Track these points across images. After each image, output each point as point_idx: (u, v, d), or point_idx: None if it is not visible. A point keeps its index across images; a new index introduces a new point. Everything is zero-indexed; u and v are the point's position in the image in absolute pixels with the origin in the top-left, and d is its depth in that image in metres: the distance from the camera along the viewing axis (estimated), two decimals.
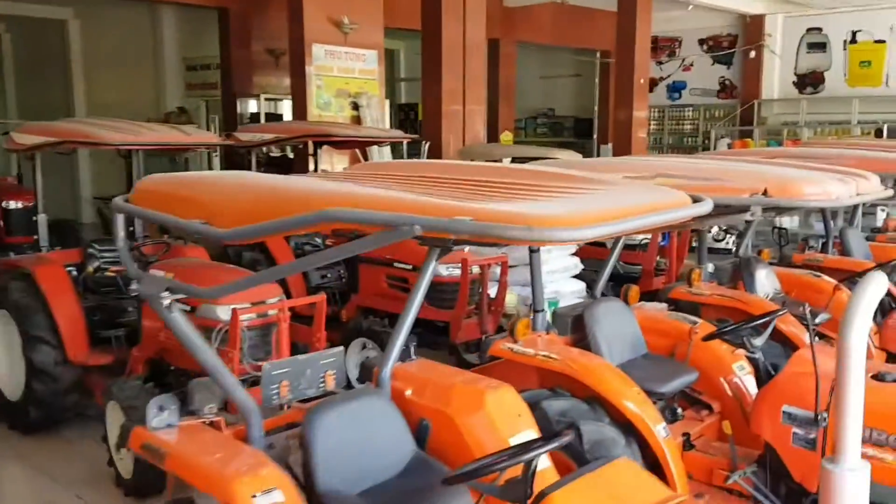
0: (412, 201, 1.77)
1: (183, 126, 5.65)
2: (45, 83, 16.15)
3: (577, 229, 1.66)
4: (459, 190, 2.03)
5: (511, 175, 2.31)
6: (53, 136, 5.32)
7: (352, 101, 9.03)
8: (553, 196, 1.97)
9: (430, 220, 1.66)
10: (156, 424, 2.43)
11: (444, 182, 2.16)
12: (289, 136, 6.49)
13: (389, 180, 2.25)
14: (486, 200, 1.86)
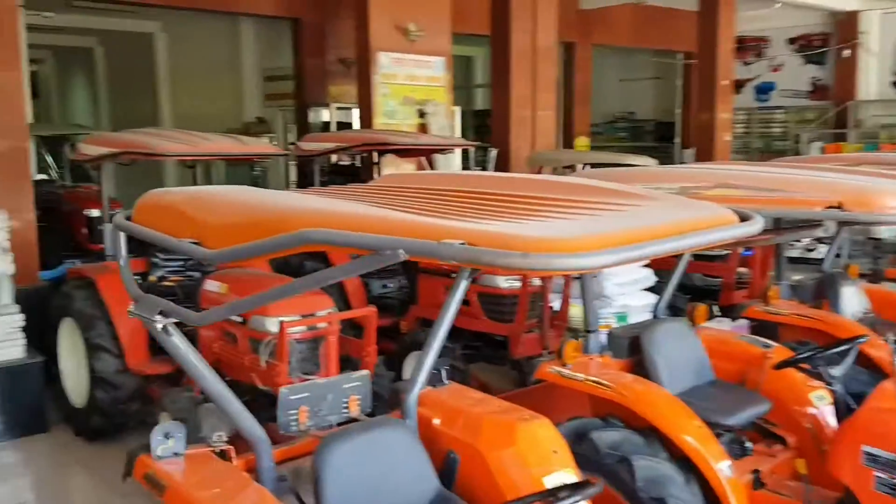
0: (400, 222, 1.57)
1: (243, 137, 5.61)
2: (135, 95, 16.73)
3: (583, 256, 1.41)
4: (468, 206, 1.82)
5: (534, 188, 2.08)
6: (114, 147, 5.37)
7: (418, 108, 8.89)
8: (570, 214, 1.73)
9: (417, 243, 1.46)
10: (160, 453, 2.30)
11: (457, 197, 1.96)
12: (348, 144, 6.39)
13: (398, 195, 2.06)
14: (488, 219, 1.65)
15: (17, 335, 5.54)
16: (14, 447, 5.41)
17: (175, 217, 1.98)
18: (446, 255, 1.42)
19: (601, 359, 3.63)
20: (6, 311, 5.51)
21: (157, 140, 5.12)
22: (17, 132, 6.20)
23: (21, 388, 5.49)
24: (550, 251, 1.39)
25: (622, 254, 1.47)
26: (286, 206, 1.75)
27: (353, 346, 4.80)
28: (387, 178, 2.60)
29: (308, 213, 1.67)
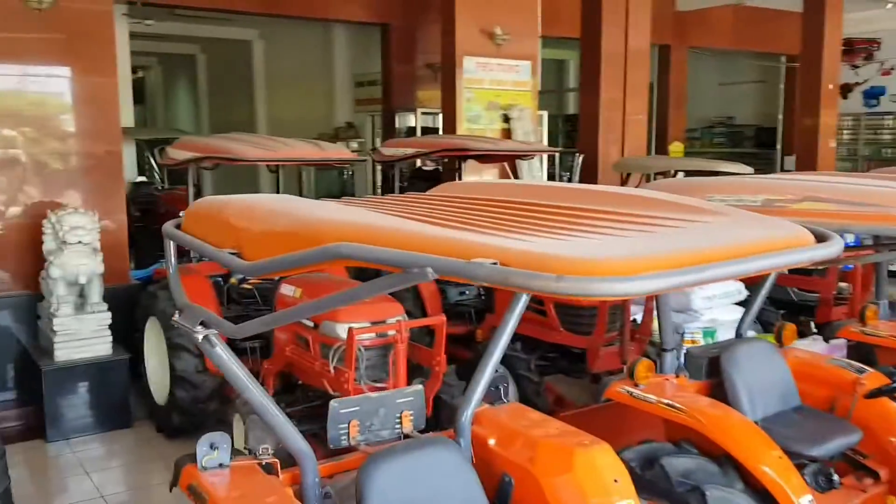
0: (431, 238, 1.47)
1: (322, 143, 5.64)
2: (233, 100, 17.28)
3: (623, 280, 1.27)
4: (513, 219, 1.71)
5: (589, 200, 1.94)
6: (198, 152, 5.50)
7: (502, 113, 8.78)
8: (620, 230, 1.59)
9: (446, 262, 1.36)
10: (205, 464, 2.27)
11: (505, 209, 1.84)
12: (427, 150, 6.34)
13: (444, 206, 1.96)
14: (530, 234, 1.53)
15: (105, 332, 5.74)
16: (100, 440, 5.61)
17: (218, 226, 1.95)
18: (476, 275, 1.31)
19: (676, 380, 3.43)
20: (95, 308, 5.71)
21: (238, 145, 5.21)
22: (111, 136, 6.43)
23: (107, 384, 5.68)
24: (587, 274, 1.25)
25: (670, 279, 1.31)
26: (321, 218, 1.68)
27: (423, 355, 4.73)
28: (444, 188, 2.51)
29: (342, 226, 1.60)
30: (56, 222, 5.57)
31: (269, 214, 1.83)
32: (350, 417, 2.49)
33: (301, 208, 1.80)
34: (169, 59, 19.73)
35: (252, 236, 1.81)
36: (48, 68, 6.09)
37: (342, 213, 1.75)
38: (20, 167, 6.04)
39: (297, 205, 1.88)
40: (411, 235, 1.48)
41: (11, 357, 5.93)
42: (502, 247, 1.37)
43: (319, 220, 1.67)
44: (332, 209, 1.84)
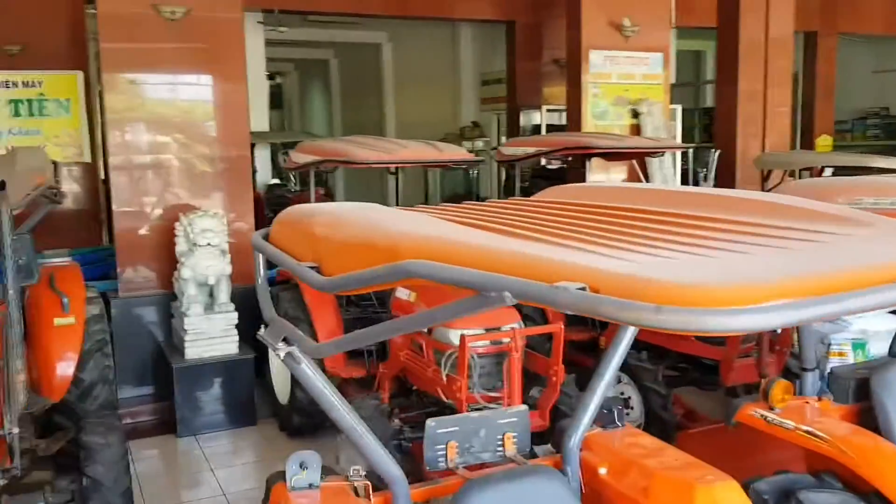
0: (512, 256, 1.29)
1: (439, 143, 5.56)
2: (363, 102, 17.63)
3: (739, 313, 1.01)
4: (615, 232, 1.50)
5: (708, 206, 1.69)
6: (318, 155, 5.55)
7: (631, 108, 8.41)
8: (740, 246, 1.34)
9: (526, 285, 1.17)
10: (295, 484, 2.20)
11: (608, 218, 1.64)
12: (548, 149, 6.12)
13: (541, 215, 1.78)
14: (630, 251, 1.32)
15: (233, 332, 5.91)
16: (227, 437, 5.77)
17: (301, 237, 1.85)
18: (559, 301, 1.13)
19: (818, 403, 3.07)
20: (224, 309, 5.88)
21: (356, 148, 5.20)
22: (241, 141, 6.63)
23: (234, 383, 5.84)
24: (694, 304, 1.02)
25: (802, 311, 1.05)
26: (397, 232, 1.54)
27: (540, 363, 4.55)
28: (552, 192, 2.33)
29: (418, 240, 1.46)
30: (187, 225, 5.77)
31: (348, 226, 1.71)
32: (448, 438, 2.35)
33: (380, 220, 1.67)
34: (304, 65, 20.41)
35: (330, 249, 1.71)
36: (180, 76, 6.34)
37: (421, 226, 1.61)
38: (159, 172, 6.31)
39: (378, 215, 1.76)
40: (491, 252, 1.32)
41: (149, 354, 6.21)
42: (592, 267, 1.17)
43: (395, 233, 1.53)
44: (413, 221, 1.70)
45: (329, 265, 1.67)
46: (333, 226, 1.75)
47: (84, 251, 7.80)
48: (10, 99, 7.64)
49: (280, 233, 2.02)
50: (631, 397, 5.14)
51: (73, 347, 4.66)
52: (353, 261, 1.55)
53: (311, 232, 1.81)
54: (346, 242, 1.66)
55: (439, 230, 1.56)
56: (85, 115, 8.00)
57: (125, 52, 6.13)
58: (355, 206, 1.96)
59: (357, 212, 1.80)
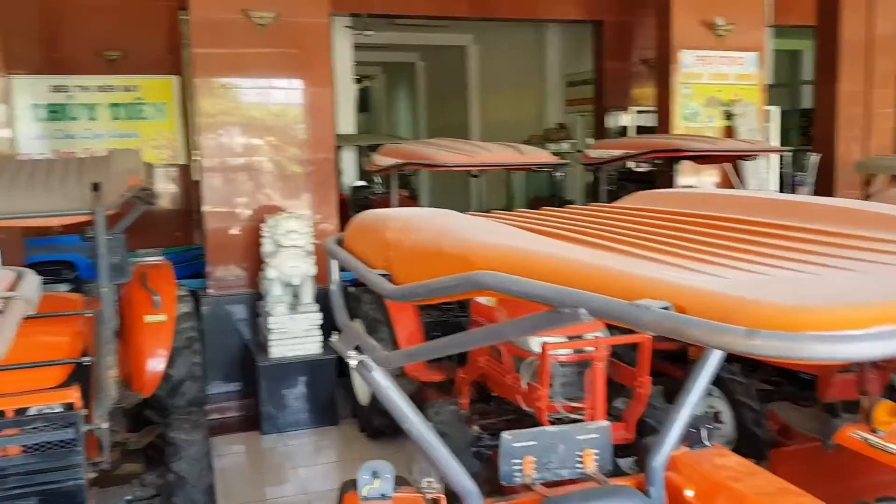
0: (589, 269, 1.20)
1: (521, 146, 5.49)
2: (449, 105, 17.70)
3: (847, 339, 0.91)
4: (704, 243, 1.39)
5: (808, 215, 1.57)
6: (399, 158, 5.56)
7: (724, 109, 8.12)
8: (845, 261, 1.22)
9: (604, 301, 1.10)
10: (366, 494, 2.16)
11: (697, 227, 1.54)
12: (636, 151, 5.96)
13: (624, 223, 1.69)
14: (718, 266, 1.22)
15: (316, 332, 5.99)
16: (309, 436, 5.85)
17: (373, 243, 1.82)
18: (640, 321, 1.05)
19: None
20: (307, 309, 5.97)
21: (437, 151, 5.19)
22: (327, 144, 6.72)
23: (317, 382, 5.92)
24: (791, 328, 0.92)
25: None
26: (469, 240, 1.48)
27: (626, 374, 4.41)
28: (636, 198, 2.22)
29: (490, 250, 1.40)
30: (273, 226, 5.88)
31: (418, 233, 1.66)
32: (525, 453, 2.28)
33: (452, 227, 1.61)
34: (391, 68, 20.65)
35: (400, 257, 1.66)
36: (269, 80, 6.47)
37: (494, 234, 1.55)
38: (249, 174, 6.46)
39: (450, 222, 1.70)
40: (567, 264, 1.25)
41: (236, 351, 6.37)
42: (678, 284, 1.08)
43: (467, 242, 1.48)
44: (486, 229, 1.64)
45: (399, 273, 1.64)
46: (404, 232, 1.70)
47: (177, 250, 8.08)
48: (110, 103, 7.98)
49: (353, 238, 2.00)
50: (722, 411, 4.94)
51: (164, 344, 4.80)
52: (422, 269, 1.51)
53: (382, 238, 1.77)
54: (416, 250, 1.61)
55: (513, 239, 1.50)
56: (180, 118, 8.29)
57: (216, 57, 6.30)
58: (428, 213, 1.91)
59: (429, 218, 1.76)
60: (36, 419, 3.00)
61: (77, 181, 4.28)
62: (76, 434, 3.04)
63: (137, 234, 6.16)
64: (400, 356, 1.76)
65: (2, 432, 2.93)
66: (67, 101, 7.89)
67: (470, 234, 1.53)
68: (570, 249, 1.39)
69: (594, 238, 1.54)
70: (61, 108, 7.87)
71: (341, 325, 1.95)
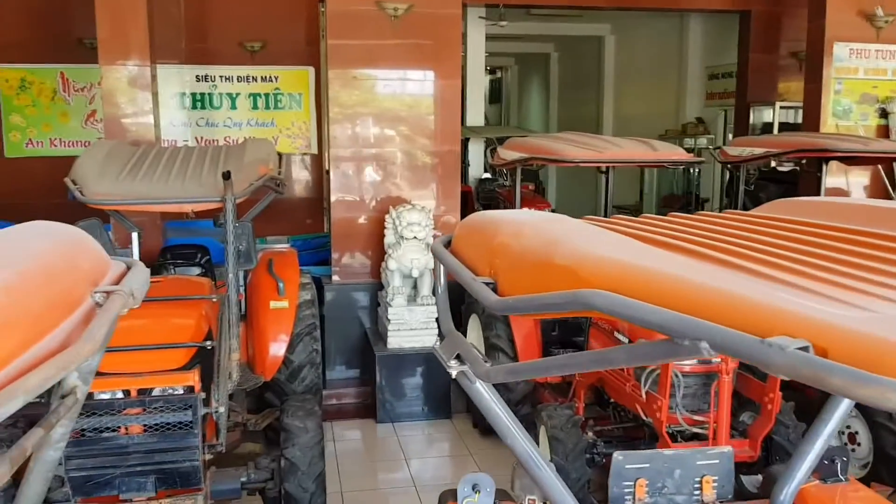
0: (714, 294, 1.04)
1: (654, 141, 5.24)
2: (581, 97, 17.34)
3: None
4: (856, 269, 1.20)
5: None
6: (525, 152, 5.45)
7: (879, 107, 7.48)
8: None
9: (730, 336, 0.94)
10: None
11: (852, 247, 1.34)
12: (778, 150, 5.57)
13: (758, 237, 1.50)
14: (872, 297, 1.04)
15: (433, 325, 5.98)
16: (422, 428, 5.86)
17: (480, 248, 1.70)
18: (772, 363, 0.89)
19: None
20: (426, 301, 5.97)
21: (564, 146, 5.04)
22: (453, 136, 6.69)
23: (432, 375, 5.92)
24: None
25: None
26: (582, 252, 1.34)
27: (755, 388, 4.13)
28: (774, 206, 2.00)
29: (605, 264, 1.26)
30: (396, 217, 5.92)
31: (527, 240, 1.53)
32: (637, 475, 2.12)
33: (563, 236, 1.48)
34: (524, 59, 20.45)
35: (506, 265, 1.54)
36: (401, 71, 6.50)
37: (609, 246, 1.40)
38: (377, 165, 6.54)
39: (563, 230, 1.57)
40: (689, 287, 1.10)
41: (356, 339, 6.47)
42: (819, 319, 0.91)
43: (578, 254, 1.34)
44: (601, 240, 1.50)
45: (504, 283, 1.53)
46: (513, 239, 1.59)
47: (306, 237, 8.32)
48: (249, 93, 8.28)
49: (461, 241, 1.90)
50: (858, 432, 4.55)
51: (286, 330, 4.93)
52: (529, 281, 1.40)
53: (489, 243, 1.67)
54: (523, 259, 1.50)
55: (630, 253, 1.36)
56: (314, 108, 8.50)
57: (350, 48, 6.39)
58: (541, 218, 1.79)
59: (541, 225, 1.64)
60: (157, 400, 3.12)
61: (211, 169, 4.45)
62: (194, 417, 3.14)
63: (270, 220, 6.39)
64: (501, 371, 1.66)
65: (124, 411, 3.06)
66: (210, 90, 8.26)
67: (583, 245, 1.40)
68: (695, 269, 1.24)
69: (725, 254, 1.38)
70: (204, 97, 8.25)
71: (445, 331, 1.88)
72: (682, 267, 1.26)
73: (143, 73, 6.18)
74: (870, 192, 7.64)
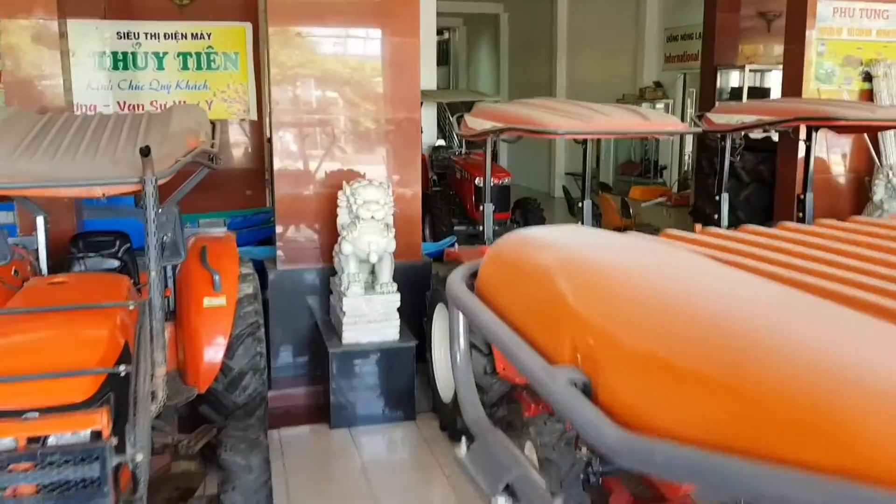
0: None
1: (644, 110, 4.63)
2: (533, 60, 16.68)
3: None
4: None
5: None
6: (500, 122, 4.78)
7: (863, 70, 7.03)
8: None
9: None
10: None
11: None
12: (776, 118, 5.02)
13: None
14: None
15: (394, 315, 5.32)
16: (382, 432, 5.23)
17: (540, 306, 1.01)
18: None
19: None
20: (385, 289, 5.30)
21: (545, 115, 4.38)
22: (411, 102, 5.97)
23: (393, 372, 5.28)
24: None
25: None
26: (813, 367, 0.70)
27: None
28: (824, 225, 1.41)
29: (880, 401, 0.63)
30: (350, 195, 5.20)
31: (648, 309, 0.85)
32: None
33: (711, 303, 0.83)
34: (473, 19, 19.64)
35: (616, 359, 0.85)
36: (353, 29, 5.74)
37: (812, 332, 0.76)
38: (325, 133, 5.79)
39: (703, 288, 0.90)
40: None
41: (305, 332, 5.77)
42: None
43: (814, 373, 0.69)
44: (773, 305, 0.86)
45: (615, 391, 0.84)
46: (617, 303, 0.90)
47: (246, 213, 7.53)
48: (178, 52, 7.38)
49: (496, 283, 1.19)
50: None
51: (223, 331, 4.21)
52: (677, 405, 0.74)
53: (560, 303, 0.97)
54: (654, 358, 0.82)
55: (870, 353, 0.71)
56: (252, 70, 7.64)
57: (293, 2, 5.60)
58: (644, 254, 1.10)
59: (655, 270, 0.97)
60: (52, 451, 2.39)
61: (128, 143, 3.67)
62: (102, 472, 2.42)
63: (204, 193, 5.54)
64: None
65: (10, 467, 2.33)
66: (134, 48, 7.32)
67: (760, 328, 0.74)
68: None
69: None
70: (126, 56, 7.31)
71: (477, 432, 1.17)
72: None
73: (49, 29, 5.29)
74: (852, 160, 7.22)
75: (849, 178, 7.24)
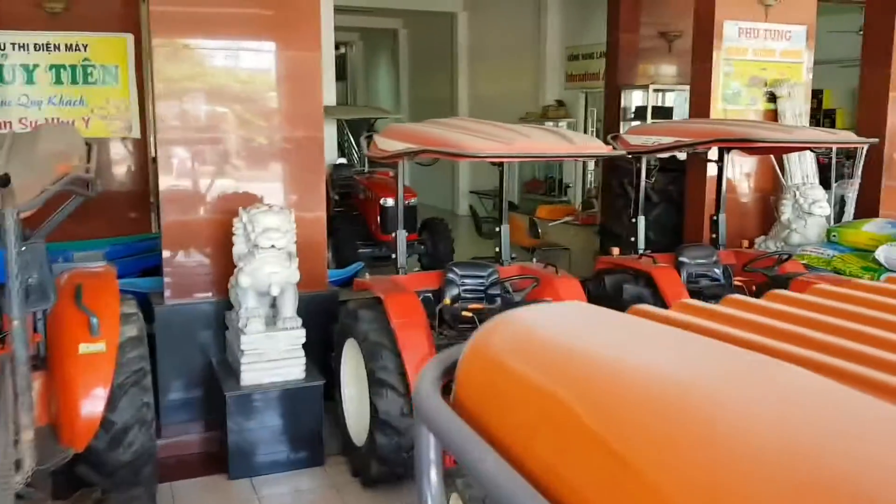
0: None
1: (566, 131, 4.41)
2: (434, 76, 16.48)
3: None
4: None
5: None
6: (414, 143, 4.43)
7: (768, 90, 7.10)
8: None
9: None
10: None
11: None
12: (694, 139, 4.90)
13: None
14: None
15: (298, 353, 4.87)
16: (287, 481, 4.76)
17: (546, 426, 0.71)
18: None
19: None
20: (288, 325, 4.84)
21: (463, 136, 4.07)
22: (313, 120, 5.54)
23: (298, 414, 4.82)
24: None
25: None
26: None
27: None
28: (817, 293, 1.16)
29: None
30: (248, 222, 4.73)
31: (698, 447, 0.58)
32: None
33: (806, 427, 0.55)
34: (370, 35, 19.32)
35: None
36: (253, 42, 5.28)
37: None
38: (216, 153, 5.29)
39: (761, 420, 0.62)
40: None
41: (199, 373, 5.22)
42: None
43: None
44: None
45: None
46: (679, 427, 0.62)
47: (129, 240, 6.89)
48: (50, 64, 6.69)
49: (483, 395, 0.86)
50: None
51: (103, 381, 3.69)
52: None
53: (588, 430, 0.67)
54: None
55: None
56: (135, 84, 7.01)
57: (179, 14, 5.10)
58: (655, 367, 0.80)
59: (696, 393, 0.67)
60: None
61: None
62: None
63: (81, 219, 4.93)
64: None
65: None
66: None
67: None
68: None
69: None
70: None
71: None
72: None
73: None
74: (757, 179, 7.28)
75: (755, 198, 7.28)
